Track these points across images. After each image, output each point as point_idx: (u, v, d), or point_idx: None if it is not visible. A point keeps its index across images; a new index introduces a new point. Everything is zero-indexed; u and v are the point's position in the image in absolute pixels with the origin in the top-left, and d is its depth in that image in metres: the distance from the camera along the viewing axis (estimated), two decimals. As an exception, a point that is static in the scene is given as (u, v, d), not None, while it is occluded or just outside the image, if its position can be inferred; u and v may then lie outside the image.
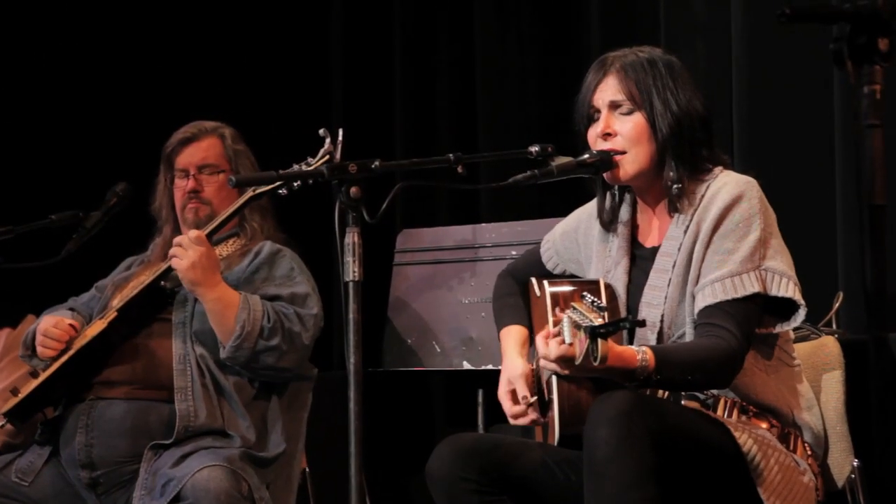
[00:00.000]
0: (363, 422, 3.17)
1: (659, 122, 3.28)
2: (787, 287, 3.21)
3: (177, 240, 4.06)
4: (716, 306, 3.18)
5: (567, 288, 3.33)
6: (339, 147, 3.91)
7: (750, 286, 3.18)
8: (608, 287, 3.34)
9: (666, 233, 3.32)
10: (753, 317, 3.21)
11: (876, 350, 2.25)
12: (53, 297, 4.45)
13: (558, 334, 3.02)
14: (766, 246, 3.21)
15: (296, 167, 3.90)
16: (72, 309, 4.34)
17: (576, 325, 2.95)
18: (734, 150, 4.75)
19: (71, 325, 4.14)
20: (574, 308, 3.01)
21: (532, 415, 3.40)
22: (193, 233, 4.06)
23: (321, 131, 3.91)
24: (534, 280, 3.48)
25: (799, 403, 3.31)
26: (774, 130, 4.72)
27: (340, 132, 3.92)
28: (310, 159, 3.96)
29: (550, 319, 3.22)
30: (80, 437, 4.02)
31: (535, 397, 3.39)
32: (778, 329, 3.28)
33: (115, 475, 4.01)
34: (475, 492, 3.25)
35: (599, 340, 2.86)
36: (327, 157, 3.92)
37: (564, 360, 3.02)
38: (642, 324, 3.06)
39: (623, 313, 3.29)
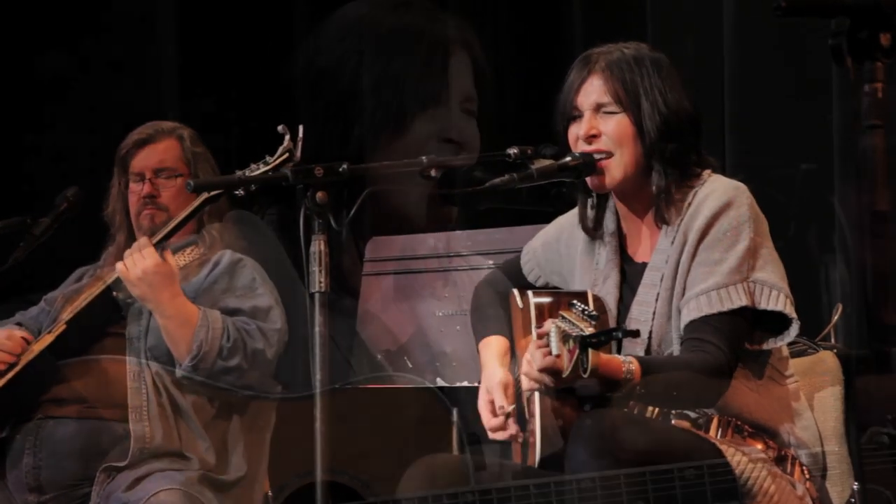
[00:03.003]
0: (329, 443, 3.15)
1: (647, 123, 3.27)
2: (777, 300, 3.19)
3: (126, 252, 4.03)
4: (702, 320, 3.17)
5: (552, 299, 3.31)
6: (300, 145, 3.87)
7: (737, 299, 3.16)
8: (597, 299, 3.32)
9: (656, 246, 3.31)
10: (742, 331, 3.20)
11: (877, 366, 2.24)
12: (-2, 309, 4.43)
13: (546, 345, 3.00)
14: (755, 256, 3.20)
15: (253, 166, 3.83)
16: (19, 324, 4.31)
17: (564, 335, 2.93)
18: (724, 152, 4.75)
19: (23, 337, 4.11)
20: (563, 317, 2.99)
21: (511, 428, 3.36)
22: (143, 240, 4.03)
23: (280, 128, 3.88)
24: (515, 291, 3.46)
25: (795, 423, 3.29)
26: (768, 132, 4.72)
27: (301, 129, 3.89)
28: (268, 158, 3.91)
29: (535, 331, 3.19)
30: (28, 458, 4.00)
31: (513, 405, 3.36)
32: (769, 345, 3.26)
33: (65, 499, 3.99)
34: (449, 517, 3.23)
35: (590, 351, 2.85)
36: (286, 154, 3.89)
37: (550, 372, 3.01)
38: (636, 333, 3.04)
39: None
